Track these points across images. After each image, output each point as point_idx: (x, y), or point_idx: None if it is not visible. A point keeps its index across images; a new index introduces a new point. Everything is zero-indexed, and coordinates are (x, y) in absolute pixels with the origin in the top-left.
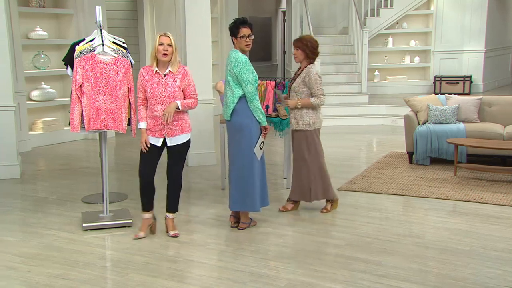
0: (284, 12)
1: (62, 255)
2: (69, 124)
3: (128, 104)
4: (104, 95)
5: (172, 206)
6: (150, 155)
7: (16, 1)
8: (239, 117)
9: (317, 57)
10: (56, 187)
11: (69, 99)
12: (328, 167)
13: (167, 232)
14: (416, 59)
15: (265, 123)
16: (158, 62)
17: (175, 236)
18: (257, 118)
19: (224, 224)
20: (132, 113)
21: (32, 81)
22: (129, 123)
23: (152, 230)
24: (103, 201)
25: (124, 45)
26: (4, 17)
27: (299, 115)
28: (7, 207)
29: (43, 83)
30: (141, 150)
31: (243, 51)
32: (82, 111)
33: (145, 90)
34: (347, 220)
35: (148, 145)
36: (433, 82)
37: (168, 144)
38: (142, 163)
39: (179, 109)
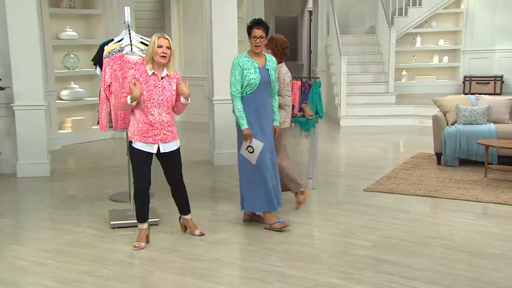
0: (310, 12)
1: (90, 252)
2: (98, 123)
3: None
4: None
5: (186, 208)
6: (146, 164)
7: (47, 2)
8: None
9: (286, 57)
10: (84, 185)
11: (98, 98)
12: (354, 167)
13: (191, 232)
14: (445, 58)
15: (243, 127)
16: (153, 64)
17: (201, 234)
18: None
19: (250, 223)
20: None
21: (61, 80)
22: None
23: (147, 239)
24: (130, 200)
25: None
26: (36, 19)
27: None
28: (37, 204)
29: (72, 82)
30: (136, 160)
31: (253, 52)
32: (110, 110)
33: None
34: (373, 221)
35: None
36: (463, 82)
37: (162, 151)
38: (139, 175)
39: (186, 101)
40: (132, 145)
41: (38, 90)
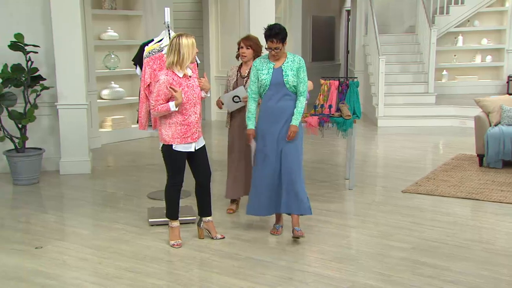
0: (348, 11)
1: (130, 249)
2: (137, 122)
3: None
4: None
5: (209, 209)
6: (182, 163)
7: (90, 4)
8: None
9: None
10: (123, 183)
11: (137, 98)
12: (392, 168)
13: (213, 237)
14: (488, 58)
15: (248, 127)
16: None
17: (223, 237)
18: None
19: (286, 223)
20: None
21: (102, 80)
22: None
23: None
24: None
25: None
26: (79, 20)
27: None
28: (79, 201)
29: (112, 82)
30: (175, 161)
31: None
32: (150, 109)
33: (170, 98)
34: (412, 223)
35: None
36: (507, 82)
37: (197, 148)
38: (177, 175)
39: (206, 94)
40: (173, 148)
41: (80, 89)
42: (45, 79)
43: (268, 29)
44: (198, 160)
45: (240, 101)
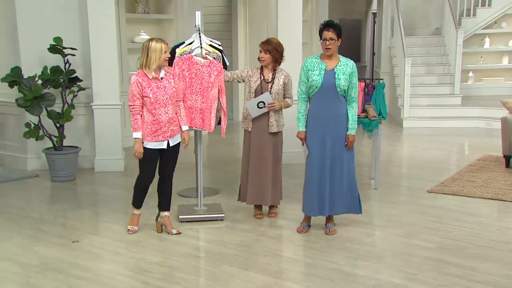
0: (374, 14)
1: (160, 244)
2: None
3: (217, 104)
4: (196, 94)
5: (167, 204)
6: (154, 160)
7: (124, 8)
8: None
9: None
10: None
11: None
12: (417, 168)
13: (167, 231)
14: None
15: (298, 129)
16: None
17: (178, 233)
18: None
19: (312, 221)
20: (222, 113)
21: None
22: (219, 123)
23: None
24: (197, 195)
25: (220, 47)
26: (114, 24)
27: (278, 117)
28: (113, 197)
29: None
30: (146, 157)
31: (325, 54)
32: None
33: (143, 97)
34: (438, 223)
35: (142, 155)
36: None
37: (171, 145)
38: (146, 171)
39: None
40: (144, 145)
41: (115, 90)
42: (81, 81)
43: (324, 22)
44: (167, 159)
45: (265, 107)
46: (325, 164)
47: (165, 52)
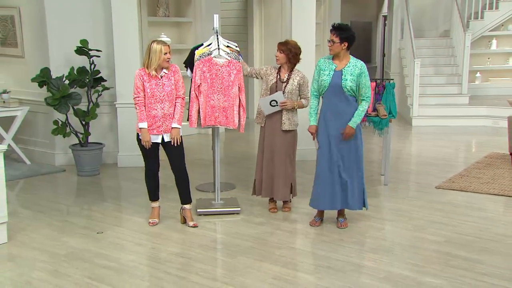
0: (385, 17)
1: (180, 236)
2: (187, 120)
3: (238, 102)
4: (218, 94)
5: (186, 198)
6: (153, 152)
7: (146, 11)
8: None
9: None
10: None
11: (188, 97)
12: (426, 165)
13: (186, 223)
14: None
15: (310, 123)
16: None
17: (195, 226)
18: None
19: (324, 215)
20: (241, 110)
21: None
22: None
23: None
24: (214, 190)
25: (237, 48)
26: (136, 27)
27: (291, 116)
28: (135, 191)
29: None
30: (144, 149)
31: (335, 55)
32: (199, 108)
33: (145, 90)
34: (446, 218)
35: (150, 144)
36: None
37: (166, 140)
38: (147, 161)
39: (179, 127)
40: (139, 137)
41: None
42: (105, 80)
43: (333, 24)
44: (170, 153)
45: (277, 105)
46: (334, 160)
47: (165, 53)
